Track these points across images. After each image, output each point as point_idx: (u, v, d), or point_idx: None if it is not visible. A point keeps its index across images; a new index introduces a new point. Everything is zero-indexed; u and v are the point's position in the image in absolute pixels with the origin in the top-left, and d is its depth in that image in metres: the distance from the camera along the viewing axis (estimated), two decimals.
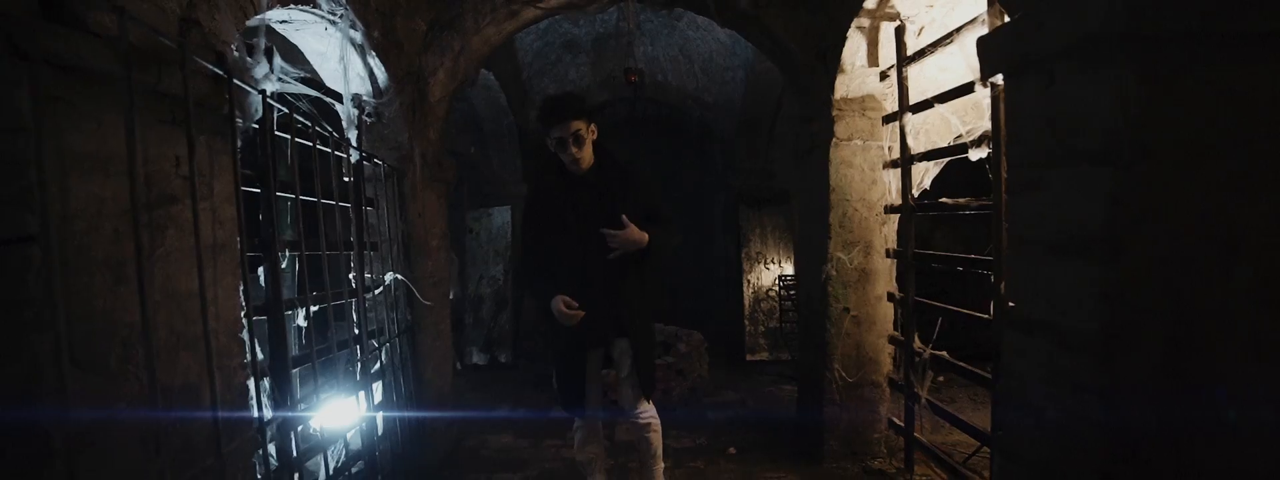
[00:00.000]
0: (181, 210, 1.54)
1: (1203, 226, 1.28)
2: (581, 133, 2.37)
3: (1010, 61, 1.60)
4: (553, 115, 2.36)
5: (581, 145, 2.38)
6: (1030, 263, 1.58)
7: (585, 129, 2.38)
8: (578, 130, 2.35)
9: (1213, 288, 1.29)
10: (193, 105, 1.51)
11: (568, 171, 2.46)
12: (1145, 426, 1.32)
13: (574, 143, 2.36)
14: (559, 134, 2.36)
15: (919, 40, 2.79)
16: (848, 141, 3.11)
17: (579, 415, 2.63)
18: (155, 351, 1.39)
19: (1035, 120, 1.54)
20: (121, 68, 1.29)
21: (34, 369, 1.15)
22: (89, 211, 1.27)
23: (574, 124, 2.34)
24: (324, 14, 2.32)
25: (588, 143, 2.41)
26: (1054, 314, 1.48)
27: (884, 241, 3.15)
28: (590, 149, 2.43)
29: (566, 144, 2.36)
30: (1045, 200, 1.51)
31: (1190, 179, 1.27)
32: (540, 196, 2.58)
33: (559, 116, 2.35)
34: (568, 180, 2.48)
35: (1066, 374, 1.44)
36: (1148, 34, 1.22)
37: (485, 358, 5.92)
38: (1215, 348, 1.30)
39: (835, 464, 3.23)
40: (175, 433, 1.47)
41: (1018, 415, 1.66)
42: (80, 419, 1.23)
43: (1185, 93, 1.25)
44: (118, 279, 1.33)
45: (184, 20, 1.58)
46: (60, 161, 1.21)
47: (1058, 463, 1.48)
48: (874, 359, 3.21)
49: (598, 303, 2.41)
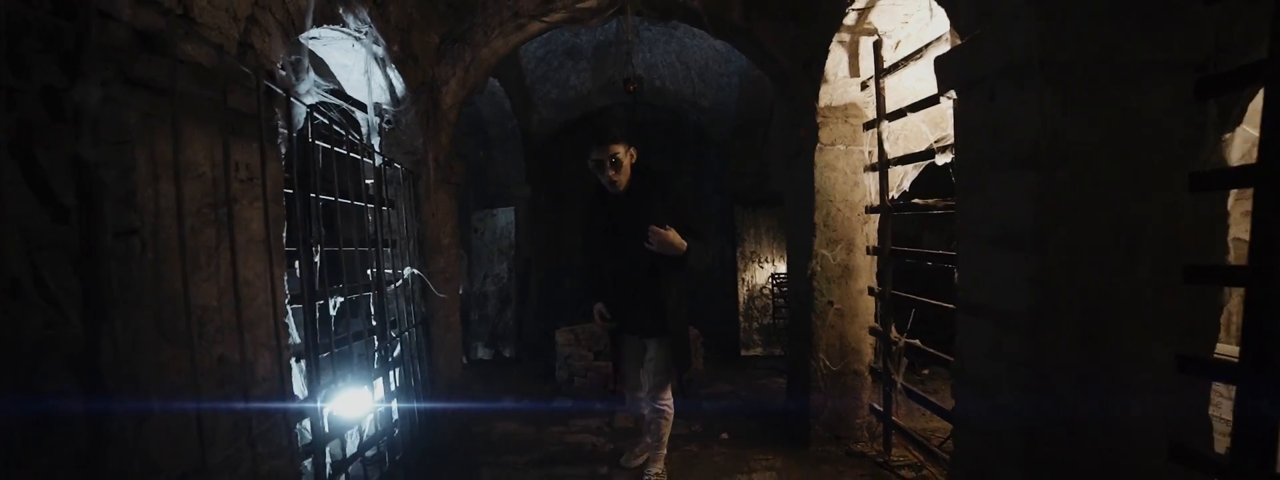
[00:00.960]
0: (241, 209, 1.77)
1: (1110, 222, 1.52)
2: (619, 157, 2.58)
3: (960, 79, 1.84)
4: (595, 139, 2.57)
5: (619, 169, 2.59)
6: (975, 254, 1.82)
7: (624, 153, 2.59)
8: (616, 154, 2.56)
9: (1119, 275, 1.53)
10: (250, 118, 1.75)
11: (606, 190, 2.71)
12: (1064, 390, 1.56)
13: (612, 166, 2.57)
14: (598, 156, 2.57)
15: (896, 53, 3.03)
16: (831, 146, 3.35)
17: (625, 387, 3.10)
18: (222, 330, 1.63)
19: (979, 130, 1.78)
20: (197, 87, 1.53)
21: (137, 339, 1.39)
22: (173, 209, 1.51)
23: (614, 148, 2.55)
24: (351, 31, 2.55)
25: (625, 167, 2.61)
26: (993, 298, 1.73)
27: (865, 239, 3.39)
28: (628, 173, 2.63)
29: (604, 167, 2.58)
30: (986, 200, 1.75)
31: (1099, 182, 1.52)
32: (589, 210, 2.92)
33: (600, 140, 2.56)
34: (607, 196, 2.74)
35: (1001, 347, 1.68)
36: (1060, 60, 1.47)
37: (490, 353, 6.15)
38: (1121, 324, 1.54)
39: (820, 447, 3.47)
40: (231, 398, 1.70)
41: (966, 387, 1.90)
42: (167, 384, 1.47)
43: (1093, 109, 1.49)
44: (194, 267, 1.57)
45: (241, 44, 1.81)
46: (153, 167, 1.45)
47: (996, 425, 1.73)
48: (856, 349, 3.45)
49: (637, 302, 2.75)
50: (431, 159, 3.36)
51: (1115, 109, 1.49)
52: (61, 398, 1.35)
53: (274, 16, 1.92)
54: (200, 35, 1.53)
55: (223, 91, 1.66)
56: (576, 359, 4.84)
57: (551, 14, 3.51)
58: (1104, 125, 1.50)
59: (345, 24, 2.46)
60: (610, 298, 2.94)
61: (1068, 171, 1.52)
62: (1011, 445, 1.66)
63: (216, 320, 1.64)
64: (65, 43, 1.28)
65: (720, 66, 5.87)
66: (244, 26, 1.81)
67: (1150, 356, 1.53)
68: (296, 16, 2.04)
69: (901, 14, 2.84)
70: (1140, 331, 1.54)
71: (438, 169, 3.45)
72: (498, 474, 3.25)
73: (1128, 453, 1.55)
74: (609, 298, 2.95)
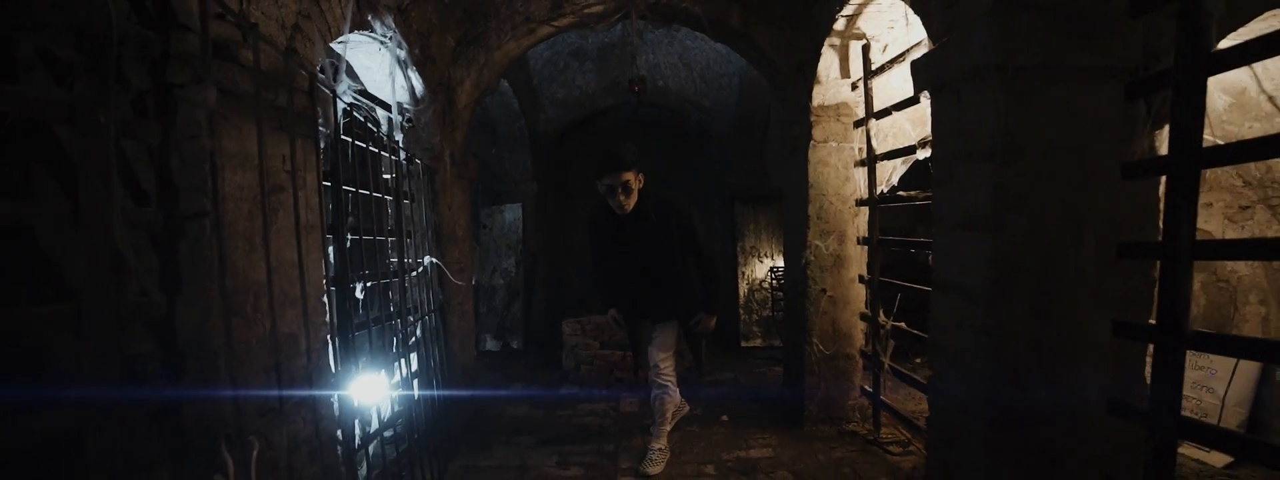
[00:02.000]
0: (287, 197, 1.98)
1: (1059, 207, 1.73)
2: (630, 183, 2.76)
3: (931, 81, 2.05)
4: (606, 165, 2.74)
5: (628, 194, 2.78)
6: (946, 238, 2.03)
7: (634, 179, 2.78)
8: (627, 180, 2.75)
9: (1066, 253, 1.74)
10: (297, 116, 1.96)
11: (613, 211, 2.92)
12: (1020, 355, 1.76)
13: (622, 192, 2.77)
14: (609, 182, 2.76)
15: (883, 56, 3.24)
16: (824, 143, 3.56)
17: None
18: (273, 304, 1.85)
19: (949, 127, 1.99)
20: (255, 89, 1.74)
21: (208, 308, 1.60)
22: (235, 196, 1.72)
23: (624, 175, 2.73)
24: (377, 36, 2.77)
25: (634, 192, 2.80)
26: (960, 276, 1.93)
27: (857, 231, 3.60)
28: (635, 198, 2.83)
29: (615, 192, 2.77)
30: (955, 189, 1.96)
31: (1049, 172, 1.72)
32: (594, 226, 3.13)
33: (612, 167, 2.73)
34: (614, 218, 2.97)
35: (967, 319, 1.88)
36: (1014, 65, 1.67)
37: (498, 344, 6.37)
38: (1069, 297, 1.74)
39: (814, 427, 3.67)
40: (284, 369, 1.92)
41: (939, 357, 2.11)
42: (230, 349, 1.68)
43: (1042, 108, 1.69)
44: (250, 248, 1.78)
45: (287, 50, 2.02)
46: (220, 160, 1.66)
47: (962, 388, 1.93)
48: (848, 334, 3.65)
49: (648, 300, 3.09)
50: (447, 155, 3.57)
51: (1062, 108, 1.69)
52: (143, 359, 1.56)
53: (315, 25, 2.14)
54: (259, 43, 1.74)
55: (276, 92, 1.87)
56: (583, 349, 5.05)
57: (560, 18, 3.72)
58: (1052, 122, 1.70)
59: (373, 30, 2.68)
60: (623, 299, 3.24)
61: (1021, 163, 1.72)
62: (975, 405, 1.87)
63: (268, 295, 1.85)
64: (153, 51, 1.49)
65: (721, 67, 6.08)
66: (290, 34, 2.03)
67: (1094, 324, 1.73)
68: (334, 24, 2.25)
69: (887, 20, 3.05)
70: (1086, 303, 1.75)
71: (453, 165, 3.66)
72: (510, 451, 3.46)
73: (1075, 408, 1.75)
74: (621, 297, 3.25)
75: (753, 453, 3.37)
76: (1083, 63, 1.66)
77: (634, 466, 3.18)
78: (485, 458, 3.36)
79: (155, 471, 1.50)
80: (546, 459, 3.33)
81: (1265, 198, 2.80)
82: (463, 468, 3.23)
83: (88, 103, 1.27)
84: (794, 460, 3.23)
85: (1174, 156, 1.37)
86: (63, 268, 1.61)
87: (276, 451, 1.80)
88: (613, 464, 3.25)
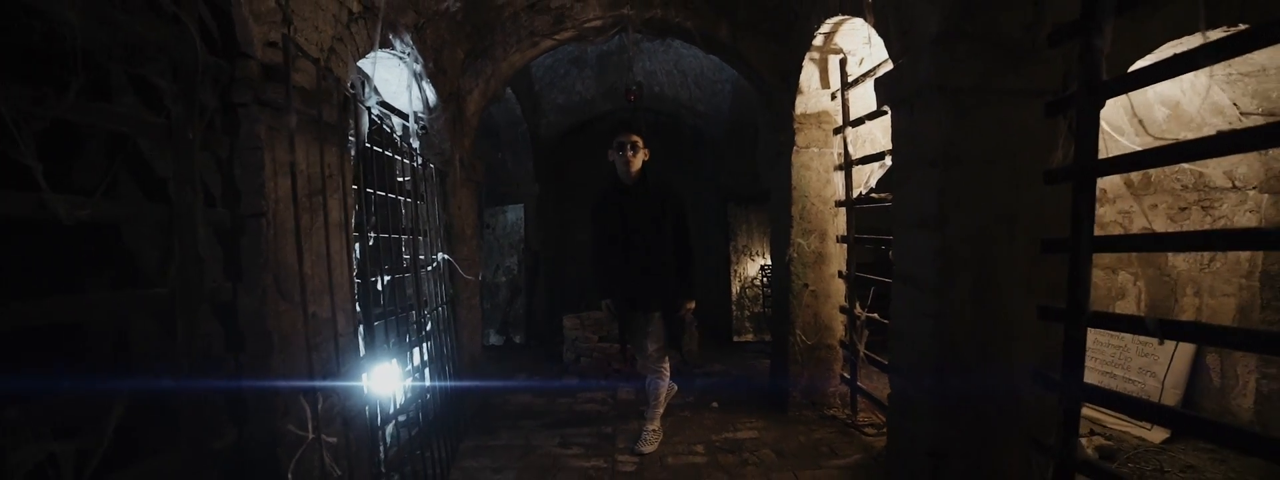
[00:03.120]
0: (324, 199, 2.26)
1: (993, 208, 2.01)
2: (637, 144, 3.30)
3: (890, 97, 2.33)
4: (620, 128, 3.32)
5: (635, 152, 3.30)
6: (903, 235, 2.31)
7: (640, 143, 3.32)
8: (635, 141, 3.29)
9: (1001, 248, 2.02)
10: (334, 128, 2.24)
11: (619, 182, 3.37)
12: (961, 336, 2.05)
13: (630, 149, 3.28)
14: (621, 140, 3.30)
15: (860, 68, 3.52)
16: (806, 149, 3.84)
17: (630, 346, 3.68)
18: (315, 292, 2.12)
19: (904, 138, 2.27)
20: (300, 105, 2.02)
21: (263, 292, 1.88)
22: (284, 198, 2.00)
23: (634, 136, 3.29)
24: (397, 53, 3.05)
25: (639, 155, 3.31)
26: (913, 267, 2.21)
27: (836, 230, 3.88)
28: (639, 162, 3.33)
29: (624, 148, 3.28)
30: (909, 192, 2.24)
31: (985, 178, 2.00)
32: (599, 207, 3.51)
33: (626, 128, 3.33)
34: (619, 190, 3.39)
35: (918, 306, 2.17)
36: (953, 86, 1.95)
37: (501, 339, 6.65)
38: (1003, 286, 2.03)
39: (797, 411, 3.95)
40: (322, 348, 2.19)
41: (897, 340, 2.39)
42: (281, 330, 1.95)
43: (977, 123, 1.97)
44: (295, 243, 2.06)
45: (325, 70, 2.30)
46: (273, 167, 1.94)
47: (914, 366, 2.21)
48: (828, 325, 3.93)
49: (640, 280, 3.35)
50: (457, 160, 3.85)
51: (994, 123, 1.98)
52: (209, 337, 1.84)
53: (347, 47, 2.42)
54: (304, 64, 2.02)
55: (317, 108, 2.15)
56: (582, 341, 5.33)
57: (561, 32, 4.00)
58: (986, 135, 1.98)
59: (394, 47, 2.96)
60: (617, 283, 3.48)
61: (960, 170, 2.01)
62: (925, 380, 2.15)
63: (311, 285, 2.13)
64: (222, 77, 1.76)
65: (714, 74, 6.35)
66: (327, 56, 2.30)
67: (1025, 309, 2.01)
68: (362, 45, 2.53)
69: (861, 37, 3.33)
70: (1017, 291, 2.03)
71: (462, 168, 3.94)
72: (516, 434, 3.74)
73: (1007, 381, 2.03)
74: (616, 283, 3.49)
75: (740, 434, 3.65)
76: (1011, 85, 1.94)
77: (630, 446, 3.45)
78: (492, 439, 3.64)
79: (224, 429, 1.77)
80: (549, 440, 3.61)
81: (1200, 200, 3.09)
82: (473, 447, 3.51)
83: (180, 123, 1.55)
84: (777, 440, 3.51)
85: (1076, 166, 1.65)
86: (141, 259, 1.89)
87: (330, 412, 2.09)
88: (610, 444, 3.53)
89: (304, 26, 2.11)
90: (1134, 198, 3.44)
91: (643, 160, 3.38)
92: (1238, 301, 3.00)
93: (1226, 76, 2.56)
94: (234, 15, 1.81)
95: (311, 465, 1.93)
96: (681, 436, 3.64)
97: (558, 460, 3.30)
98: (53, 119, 1.20)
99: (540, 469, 3.19)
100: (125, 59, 1.63)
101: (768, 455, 3.31)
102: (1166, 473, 2.75)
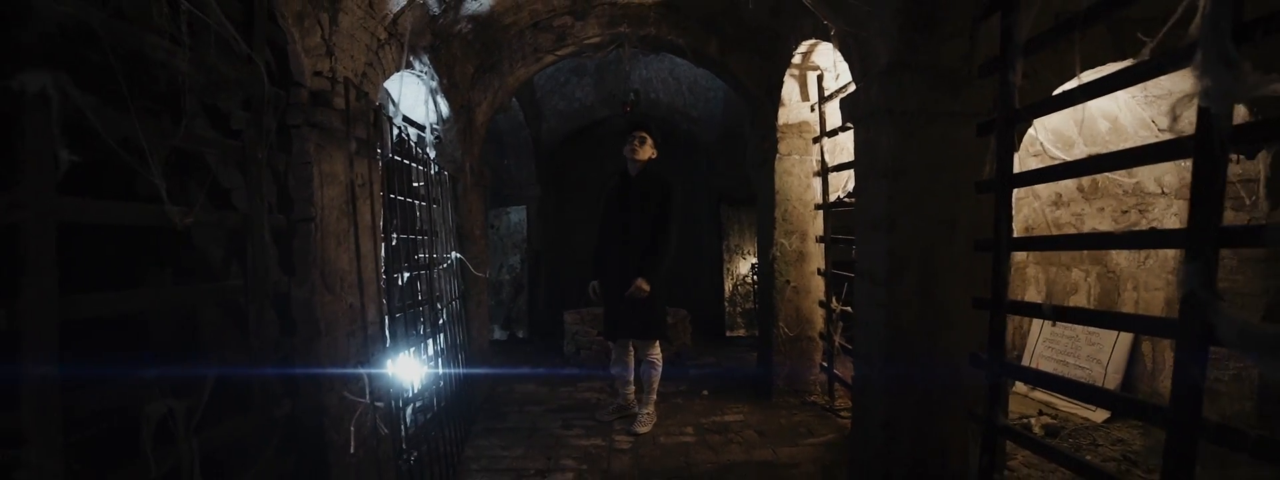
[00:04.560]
0: (359, 204, 2.59)
1: (936, 213, 2.34)
2: (645, 137, 3.72)
3: (852, 115, 2.66)
4: (634, 122, 3.74)
5: (641, 144, 3.70)
6: (862, 236, 2.64)
7: (649, 138, 3.73)
8: (643, 135, 3.71)
9: (942, 248, 2.35)
10: (365, 142, 2.57)
11: (626, 175, 3.76)
12: (909, 324, 2.38)
13: (638, 141, 3.69)
14: (632, 133, 3.71)
15: (835, 83, 3.85)
16: (788, 156, 4.17)
17: (612, 340, 3.95)
18: (350, 286, 2.45)
19: (863, 151, 2.60)
20: (340, 124, 2.35)
21: (312, 286, 2.21)
22: (328, 205, 2.33)
23: (643, 132, 3.71)
24: (415, 72, 3.38)
25: (646, 147, 3.71)
26: (870, 264, 2.55)
27: (816, 231, 4.22)
28: (646, 155, 3.72)
29: (632, 139, 3.69)
30: (867, 198, 2.57)
31: (929, 186, 2.33)
32: (608, 192, 3.93)
33: (637, 124, 3.75)
34: (624, 182, 3.79)
35: (874, 297, 2.50)
36: (899, 109, 2.28)
37: (505, 334, 6.98)
38: (945, 280, 2.36)
39: (781, 398, 4.29)
40: (356, 334, 2.53)
41: (859, 329, 2.72)
42: (325, 320, 2.28)
43: (922, 140, 2.31)
44: (338, 243, 2.39)
45: (360, 93, 2.63)
46: (320, 179, 2.27)
47: (871, 351, 2.55)
48: (809, 319, 4.27)
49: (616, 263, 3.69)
50: (468, 166, 4.18)
51: (935, 141, 2.31)
52: (268, 324, 2.17)
53: (377, 71, 2.75)
54: (343, 89, 2.35)
55: (355, 125, 2.48)
56: (582, 335, 5.67)
57: (563, 48, 4.33)
58: (929, 151, 2.32)
59: (413, 67, 3.29)
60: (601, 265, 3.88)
61: (907, 180, 2.34)
62: (879, 363, 2.48)
63: (347, 280, 2.46)
64: (279, 103, 2.09)
65: (707, 81, 6.68)
66: (360, 80, 2.63)
67: (963, 300, 2.35)
68: (388, 68, 2.86)
69: (836, 56, 3.65)
70: (957, 284, 2.37)
71: (472, 174, 4.27)
72: (522, 418, 4.07)
73: (947, 363, 2.37)
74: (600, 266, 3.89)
75: (727, 418, 3.99)
76: (950, 108, 2.27)
77: (626, 428, 3.79)
78: (501, 422, 3.97)
79: (282, 401, 2.10)
80: (553, 423, 3.94)
81: (1137, 204, 3.42)
82: (483, 429, 3.84)
83: (252, 144, 1.88)
84: (760, 423, 3.84)
85: (997, 178, 1.99)
86: (210, 257, 2.22)
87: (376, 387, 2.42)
88: (608, 426, 3.86)
89: (343, 56, 2.44)
90: (1085, 201, 3.77)
91: (649, 155, 3.74)
92: (1165, 295, 3.34)
93: (1145, 97, 2.89)
94: (289, 51, 2.14)
95: (365, 424, 2.28)
96: (673, 420, 3.98)
97: (561, 439, 3.64)
98: (171, 147, 1.53)
99: (545, 447, 3.52)
100: (210, 93, 1.96)
101: (751, 435, 3.64)
102: (1100, 446, 3.09)
